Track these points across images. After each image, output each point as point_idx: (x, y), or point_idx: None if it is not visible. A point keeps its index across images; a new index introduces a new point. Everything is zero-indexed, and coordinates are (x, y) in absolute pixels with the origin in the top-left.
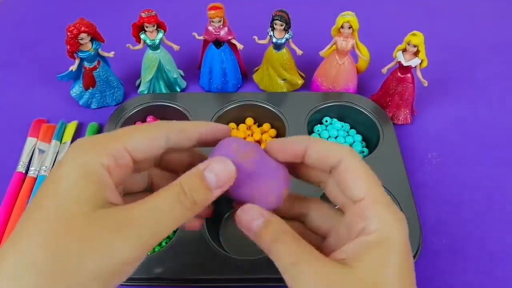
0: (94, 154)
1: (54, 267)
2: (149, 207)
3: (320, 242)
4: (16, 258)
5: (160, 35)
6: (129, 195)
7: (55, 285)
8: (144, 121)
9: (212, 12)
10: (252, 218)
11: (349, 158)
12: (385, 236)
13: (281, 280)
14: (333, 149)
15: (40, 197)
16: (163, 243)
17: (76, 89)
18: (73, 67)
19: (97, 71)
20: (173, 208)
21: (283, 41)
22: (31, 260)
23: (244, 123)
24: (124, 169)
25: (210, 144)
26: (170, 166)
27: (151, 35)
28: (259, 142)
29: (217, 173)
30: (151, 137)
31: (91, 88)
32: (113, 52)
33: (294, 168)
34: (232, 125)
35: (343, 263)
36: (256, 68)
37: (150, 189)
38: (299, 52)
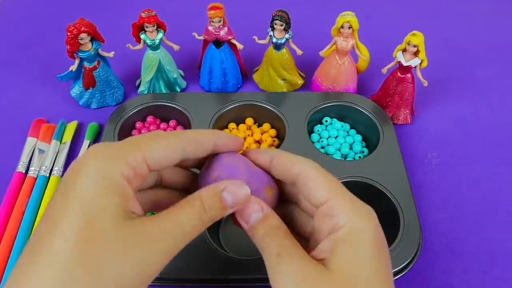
0: (116, 164)
1: (83, 276)
2: (176, 221)
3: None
4: (46, 263)
5: (160, 35)
6: (140, 191)
7: None
8: (144, 121)
9: (212, 12)
10: (253, 211)
11: (307, 169)
12: (354, 228)
13: None
14: (294, 161)
15: (63, 202)
16: None
17: (76, 89)
18: (73, 67)
19: (97, 71)
20: (196, 224)
21: (283, 41)
22: (60, 267)
23: (244, 123)
24: (141, 178)
25: (220, 152)
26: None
27: (151, 35)
28: (259, 142)
29: (234, 195)
30: (169, 149)
31: (91, 88)
32: (113, 52)
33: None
34: (232, 125)
35: (322, 263)
36: (256, 68)
37: (160, 184)
38: (299, 52)
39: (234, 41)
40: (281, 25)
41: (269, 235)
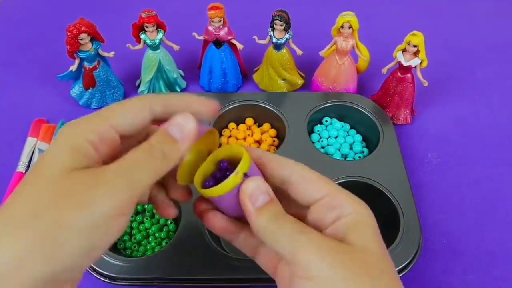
0: (79, 130)
1: (38, 226)
2: (123, 161)
3: None
4: (3, 219)
5: (160, 35)
6: None
7: (42, 242)
8: None
9: (212, 12)
10: (261, 191)
11: (300, 169)
12: (361, 215)
13: None
14: (285, 162)
15: (32, 167)
16: (163, 243)
17: (76, 89)
18: (73, 67)
19: (97, 71)
20: (145, 159)
21: (283, 41)
22: (17, 219)
23: (244, 123)
24: (110, 144)
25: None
26: None
27: (151, 35)
28: (259, 142)
29: (178, 124)
30: (132, 110)
31: (91, 88)
32: (113, 52)
33: None
34: (232, 125)
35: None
36: (256, 68)
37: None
38: (299, 52)
39: (234, 41)
40: (281, 25)
41: (281, 217)
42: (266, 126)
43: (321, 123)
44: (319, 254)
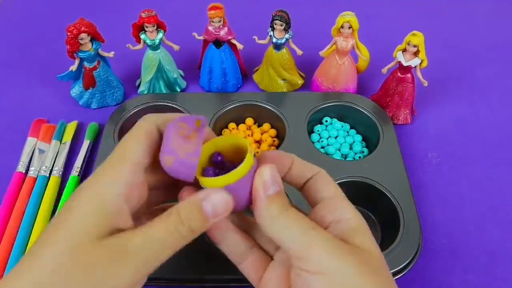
0: (106, 184)
1: None
2: (148, 236)
3: None
4: (28, 282)
5: (160, 35)
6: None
7: None
8: None
9: (212, 12)
10: (273, 180)
11: (322, 172)
12: (358, 220)
13: None
14: (311, 166)
15: (55, 224)
16: None
17: (76, 89)
18: (73, 67)
19: (97, 71)
20: (170, 238)
21: (283, 41)
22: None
23: (244, 123)
24: (141, 187)
25: None
26: None
27: (151, 35)
28: (259, 142)
29: (214, 203)
30: (144, 138)
31: (91, 88)
32: (113, 52)
33: None
34: (232, 125)
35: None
36: (256, 68)
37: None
38: (299, 52)
39: (234, 41)
40: (281, 25)
41: (290, 209)
42: (266, 126)
43: (321, 123)
44: (332, 251)
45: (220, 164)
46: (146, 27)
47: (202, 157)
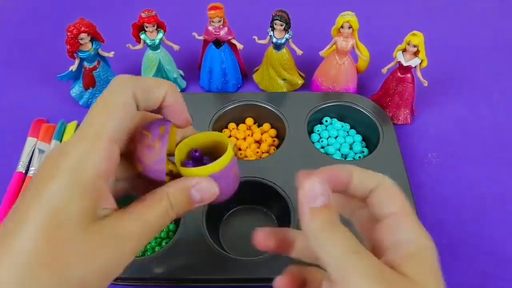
0: (90, 164)
1: (47, 277)
2: (143, 220)
3: None
4: (8, 261)
5: (160, 35)
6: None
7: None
8: None
9: (212, 12)
10: (320, 192)
11: (387, 180)
12: (422, 245)
13: None
14: (372, 175)
15: (34, 200)
16: (163, 243)
17: (76, 89)
18: (73, 67)
19: (97, 71)
20: (161, 221)
21: (283, 41)
22: (22, 266)
23: (244, 123)
24: (115, 161)
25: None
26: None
27: (151, 35)
28: (259, 142)
29: (203, 193)
30: (121, 113)
31: (91, 88)
32: (113, 52)
33: None
34: (232, 125)
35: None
36: (256, 68)
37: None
38: (299, 52)
39: (234, 41)
40: (281, 25)
41: (335, 227)
42: (266, 126)
43: (321, 123)
44: (369, 280)
45: (198, 159)
46: (146, 27)
47: (181, 153)
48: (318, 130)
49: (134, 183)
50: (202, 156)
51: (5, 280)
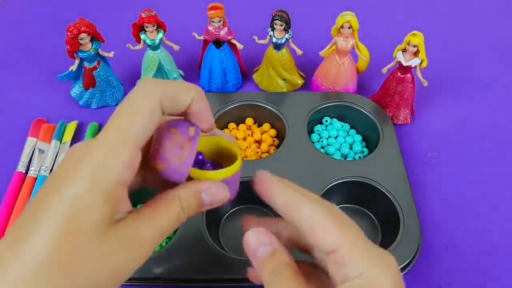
0: (108, 169)
1: (60, 279)
2: (155, 225)
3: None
4: (22, 262)
5: (160, 35)
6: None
7: None
8: None
9: (212, 12)
10: (261, 243)
11: (314, 213)
12: (368, 280)
13: None
14: (301, 201)
15: (51, 200)
16: (163, 243)
17: (76, 89)
18: (73, 67)
19: (97, 71)
20: (173, 224)
21: (283, 41)
22: (36, 267)
23: (244, 123)
24: (137, 167)
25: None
26: None
27: (151, 35)
28: (259, 142)
29: (214, 197)
30: (146, 119)
31: (91, 88)
32: (113, 52)
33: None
34: (232, 125)
35: None
36: (256, 68)
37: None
38: (299, 52)
39: (234, 41)
40: (281, 25)
41: (277, 276)
42: (266, 126)
43: (321, 123)
44: None
45: (201, 162)
46: (146, 27)
47: None
48: (318, 130)
49: (146, 177)
50: (204, 160)
51: (20, 282)
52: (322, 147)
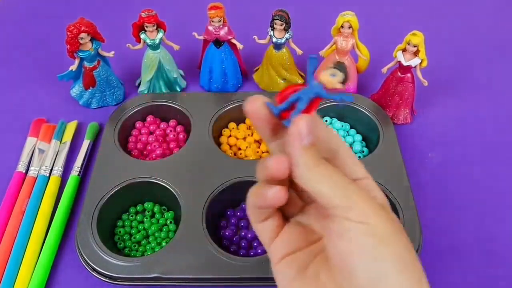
0: None
1: None
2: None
3: None
4: None
5: (160, 34)
6: None
7: None
8: (144, 120)
9: (212, 12)
10: (309, 131)
11: (345, 147)
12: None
13: None
14: (334, 136)
15: None
16: (163, 243)
17: (76, 89)
18: (73, 67)
19: (97, 70)
20: None
21: (283, 41)
22: None
23: (244, 123)
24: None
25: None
26: None
27: (151, 35)
28: (259, 142)
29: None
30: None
31: (91, 88)
32: (113, 52)
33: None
34: (232, 125)
35: None
36: (256, 68)
37: None
38: (299, 52)
39: (234, 41)
40: (281, 25)
41: (327, 163)
42: None
43: None
44: (372, 205)
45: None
46: (146, 26)
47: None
48: None
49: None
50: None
51: None
52: None
